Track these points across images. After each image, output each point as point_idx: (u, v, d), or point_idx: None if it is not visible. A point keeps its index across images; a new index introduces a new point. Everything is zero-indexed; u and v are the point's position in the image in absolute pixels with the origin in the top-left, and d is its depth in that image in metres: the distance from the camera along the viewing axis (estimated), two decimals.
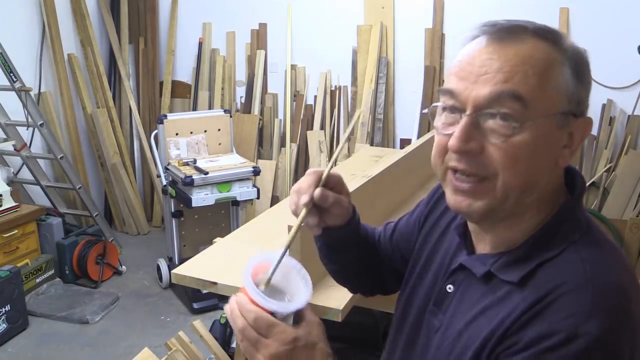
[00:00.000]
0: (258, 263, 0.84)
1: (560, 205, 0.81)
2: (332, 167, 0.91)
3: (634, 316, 0.75)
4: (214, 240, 2.11)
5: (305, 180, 0.90)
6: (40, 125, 3.45)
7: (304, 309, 0.83)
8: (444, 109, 0.81)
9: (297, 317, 0.83)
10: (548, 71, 0.76)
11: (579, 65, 0.78)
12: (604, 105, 3.32)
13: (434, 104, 0.84)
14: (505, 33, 0.77)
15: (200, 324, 2.13)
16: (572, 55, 0.78)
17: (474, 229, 0.88)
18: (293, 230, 0.87)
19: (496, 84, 0.75)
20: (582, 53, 0.79)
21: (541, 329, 0.72)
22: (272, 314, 0.79)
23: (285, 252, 0.83)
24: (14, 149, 3.50)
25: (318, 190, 0.88)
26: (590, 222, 0.82)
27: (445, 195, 0.84)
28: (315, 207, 0.90)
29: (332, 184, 0.92)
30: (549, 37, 0.78)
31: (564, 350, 0.70)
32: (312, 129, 3.99)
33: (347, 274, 1.13)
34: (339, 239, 1.01)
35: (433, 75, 3.68)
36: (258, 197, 3.39)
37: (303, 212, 0.88)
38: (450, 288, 0.88)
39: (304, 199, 0.88)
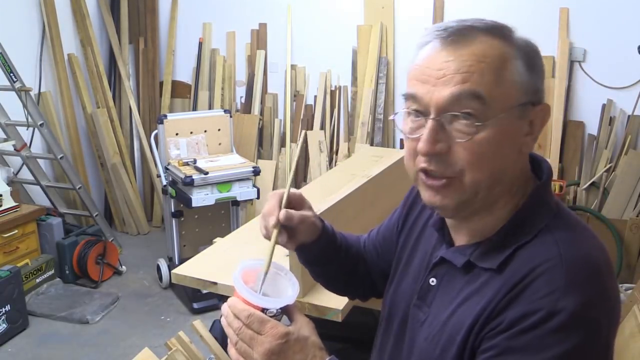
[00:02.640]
0: (244, 270, 0.89)
1: (530, 192, 0.85)
2: (289, 188, 0.95)
3: (609, 289, 0.78)
4: (214, 240, 2.11)
5: (269, 204, 0.95)
6: (40, 125, 3.45)
7: (294, 311, 0.88)
8: (409, 113, 0.84)
9: (288, 317, 0.88)
10: (503, 67, 0.79)
11: (530, 56, 0.81)
12: (604, 105, 3.31)
13: (400, 111, 0.87)
14: (456, 36, 0.80)
15: (200, 324, 2.13)
16: (523, 48, 0.81)
17: (451, 223, 0.91)
18: (268, 251, 0.91)
19: (455, 85, 0.78)
20: (532, 44, 0.83)
21: (522, 308, 0.75)
22: (264, 311, 0.83)
23: (265, 275, 0.88)
24: (14, 149, 3.49)
25: (282, 212, 0.92)
26: (559, 205, 0.86)
27: (420, 193, 0.87)
28: (283, 226, 0.94)
29: (294, 203, 0.96)
30: (498, 33, 0.81)
31: (545, 326, 0.73)
32: (312, 129, 3.99)
33: (336, 283, 1.17)
34: (316, 253, 1.05)
35: None
36: (258, 197, 3.39)
37: (274, 233, 0.92)
38: (433, 281, 0.91)
39: (272, 220, 0.93)
